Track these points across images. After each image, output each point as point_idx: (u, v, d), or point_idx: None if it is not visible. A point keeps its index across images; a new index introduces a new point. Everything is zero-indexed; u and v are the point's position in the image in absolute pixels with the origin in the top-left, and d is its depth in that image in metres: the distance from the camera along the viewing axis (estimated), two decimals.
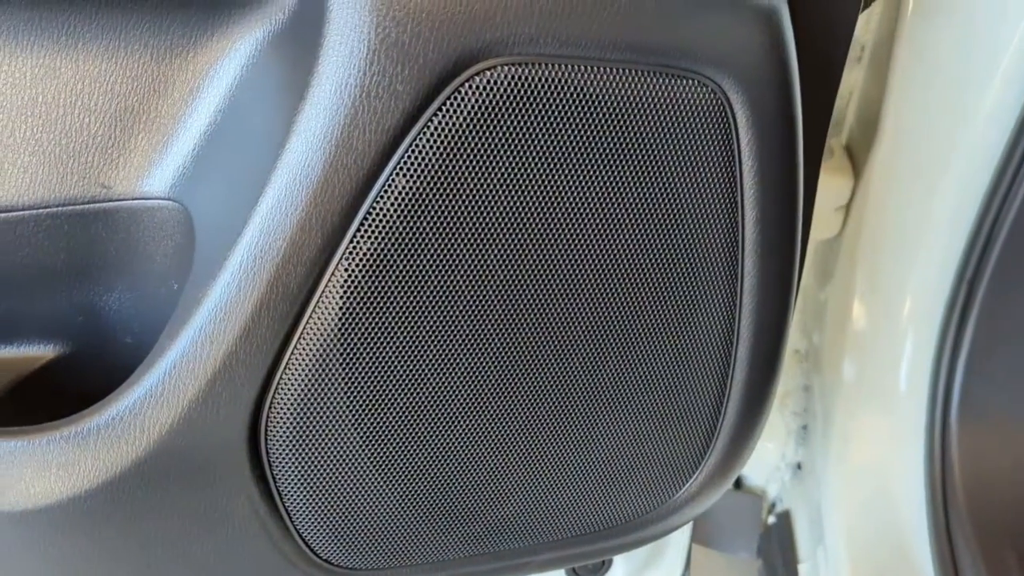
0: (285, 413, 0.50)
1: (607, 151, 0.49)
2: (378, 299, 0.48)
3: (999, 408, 0.75)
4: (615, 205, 0.50)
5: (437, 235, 0.48)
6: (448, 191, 0.47)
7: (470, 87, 0.45)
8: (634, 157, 0.49)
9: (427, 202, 0.47)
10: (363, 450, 0.53)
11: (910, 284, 0.78)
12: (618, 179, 0.50)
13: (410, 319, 0.49)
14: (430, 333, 0.50)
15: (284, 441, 0.51)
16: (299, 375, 0.49)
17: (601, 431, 0.58)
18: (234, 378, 0.48)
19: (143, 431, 0.47)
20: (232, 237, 0.47)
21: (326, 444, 0.52)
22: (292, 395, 0.50)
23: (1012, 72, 0.67)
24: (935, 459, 0.76)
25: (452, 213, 0.48)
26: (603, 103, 0.48)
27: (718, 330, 0.56)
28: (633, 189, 0.50)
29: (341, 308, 0.48)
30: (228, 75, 0.50)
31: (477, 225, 0.48)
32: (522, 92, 0.46)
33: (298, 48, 0.47)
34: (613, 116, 0.48)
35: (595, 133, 0.48)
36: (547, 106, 0.47)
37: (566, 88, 0.47)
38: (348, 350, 0.49)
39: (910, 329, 0.78)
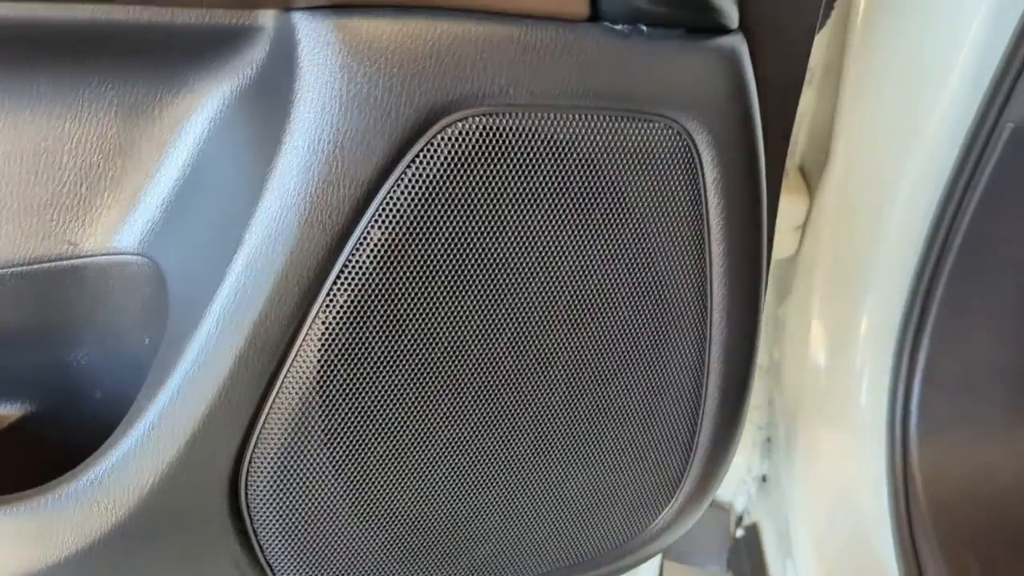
0: (265, 467, 0.50)
1: (578, 196, 0.49)
2: (357, 350, 0.48)
3: (956, 419, 0.77)
4: (588, 248, 0.51)
5: (414, 284, 0.48)
6: (424, 241, 0.47)
7: (443, 138, 0.46)
8: (605, 201, 0.50)
9: (403, 252, 0.47)
10: (344, 500, 0.53)
11: (866, 301, 0.80)
12: (590, 222, 0.50)
13: (389, 367, 0.50)
14: (410, 380, 0.50)
15: (264, 495, 0.51)
16: (278, 429, 0.49)
17: (579, 465, 0.58)
18: (214, 436, 0.47)
19: (122, 495, 0.46)
20: (206, 293, 0.47)
21: (306, 496, 0.52)
22: (272, 449, 0.50)
23: (959, 93, 0.70)
24: (897, 470, 0.78)
25: (428, 262, 0.48)
26: (573, 149, 0.48)
27: (689, 359, 0.57)
28: (605, 231, 0.51)
29: (319, 360, 0.48)
30: (196, 130, 0.49)
31: (454, 273, 0.49)
32: (494, 142, 0.47)
33: (268, 103, 0.47)
34: (583, 162, 0.49)
35: (566, 179, 0.49)
36: (519, 154, 0.47)
37: (537, 136, 0.47)
38: (327, 401, 0.49)
39: (867, 345, 0.81)
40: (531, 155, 0.48)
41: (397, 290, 0.48)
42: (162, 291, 0.52)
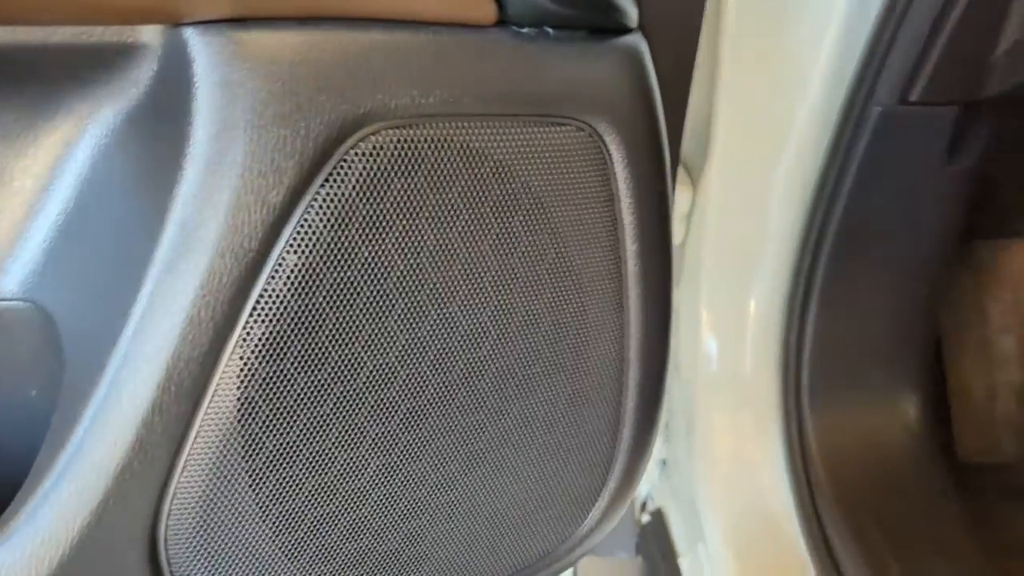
0: (185, 518, 0.46)
1: (496, 204, 0.48)
2: (278, 384, 0.45)
3: (844, 390, 0.81)
4: (508, 256, 0.50)
5: (334, 310, 0.46)
6: (342, 263, 0.45)
7: (356, 154, 0.44)
8: (522, 207, 0.49)
9: (321, 277, 0.45)
10: (272, 543, 0.49)
11: (753, 285, 0.83)
12: (509, 230, 0.49)
13: (313, 399, 0.47)
14: (335, 411, 0.48)
15: (186, 546, 0.47)
16: (198, 476, 0.46)
17: (509, 476, 0.57)
18: (127, 495, 0.43)
19: (30, 571, 0.41)
20: (108, 338, 0.43)
21: (232, 541, 0.48)
22: (192, 498, 0.46)
23: (828, 79, 0.73)
24: (793, 444, 0.82)
25: (348, 285, 0.46)
26: (488, 157, 0.47)
27: (610, 358, 0.57)
28: (524, 238, 0.50)
29: (239, 398, 0.45)
30: (77, 161, 0.45)
31: (375, 294, 0.47)
32: (408, 154, 0.45)
33: (160, 127, 0.43)
34: (499, 169, 0.48)
35: (483, 188, 0.48)
36: (434, 166, 0.46)
37: (451, 146, 0.46)
38: (249, 441, 0.46)
39: (756, 326, 0.84)
40: (446, 166, 0.46)
41: (317, 318, 0.45)
42: (51, 338, 0.47)
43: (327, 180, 0.43)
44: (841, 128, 0.74)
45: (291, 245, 0.44)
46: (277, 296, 0.44)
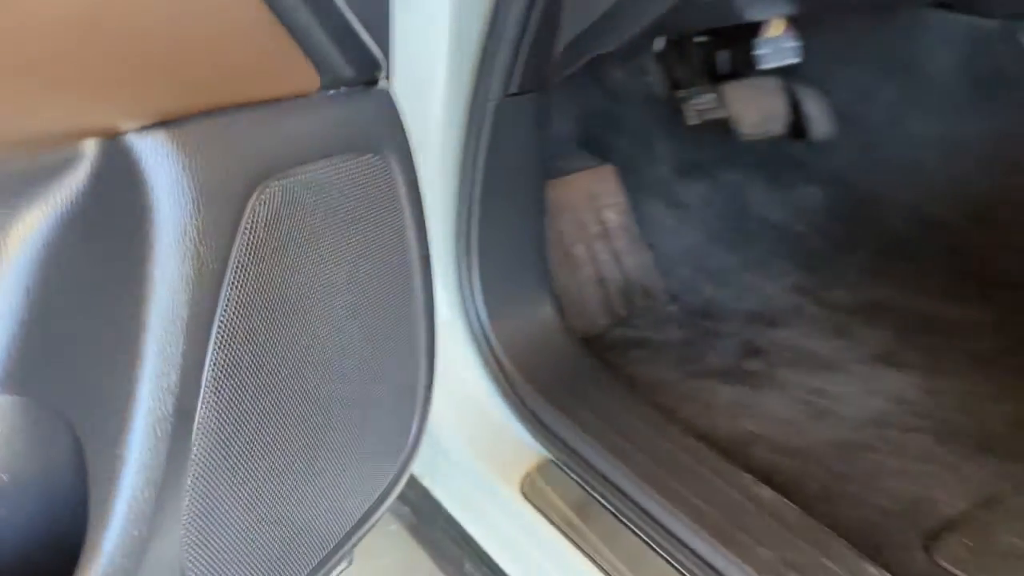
0: (194, 530, 0.59)
1: (343, 223, 0.67)
2: (238, 394, 0.59)
3: (507, 307, 1.12)
4: (352, 263, 0.68)
5: (262, 326, 0.61)
6: (262, 288, 0.60)
7: (259, 203, 0.59)
8: (361, 215, 0.68)
9: (252, 302, 0.60)
10: (240, 508, 0.63)
11: (434, 248, 1.09)
12: (351, 243, 0.68)
13: (258, 400, 0.61)
14: (271, 404, 0.63)
15: (199, 547, 0.59)
16: (198, 488, 0.58)
17: (349, 431, 0.75)
18: (163, 531, 0.55)
19: None
20: (110, 404, 0.53)
21: (219, 522, 0.61)
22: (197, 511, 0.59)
23: (456, 77, 0.99)
24: (485, 354, 1.10)
25: (268, 304, 0.61)
26: (334, 189, 0.65)
27: (407, 311, 0.78)
28: (359, 247, 0.69)
29: (217, 414, 0.58)
30: (21, 266, 0.52)
31: (283, 306, 0.62)
32: (287, 196, 0.62)
33: (110, 217, 0.54)
34: (341, 197, 0.66)
35: (334, 212, 0.66)
36: (302, 199, 0.63)
37: (312, 186, 0.64)
38: (227, 447, 0.60)
39: (438, 265, 1.09)
40: (310, 198, 0.63)
41: (254, 336, 0.60)
42: (27, 423, 0.54)
43: (245, 228, 0.58)
44: (470, 119, 1.02)
45: (232, 283, 0.58)
46: (229, 324, 0.58)
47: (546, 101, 1.09)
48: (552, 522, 1.02)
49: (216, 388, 0.58)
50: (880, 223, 1.65)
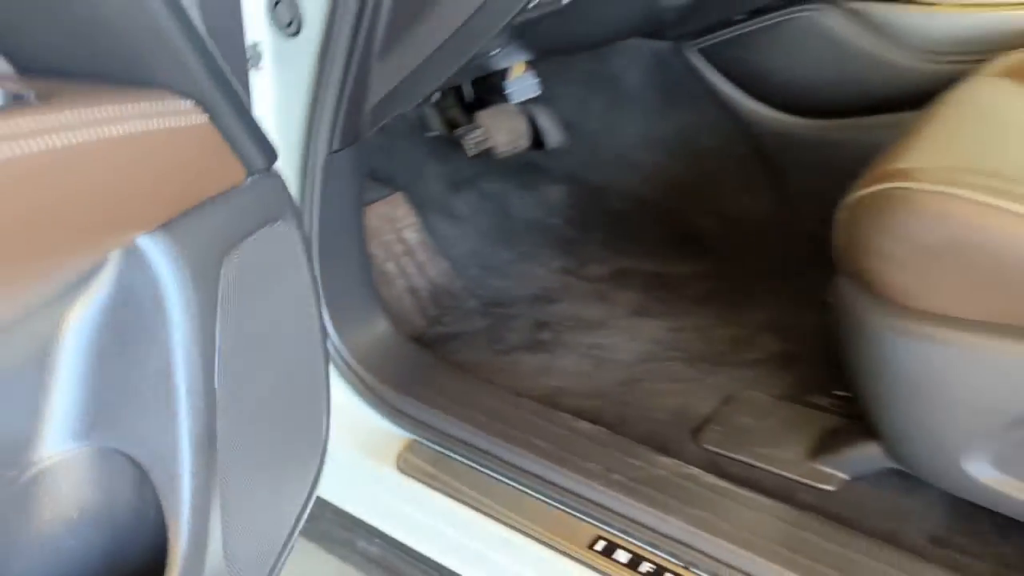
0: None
1: (271, 272, 0.88)
2: (227, 381, 0.80)
3: (353, 318, 1.35)
4: (278, 299, 0.90)
5: (231, 342, 0.81)
6: (232, 325, 0.81)
7: (227, 270, 0.80)
8: (280, 269, 0.90)
9: (225, 331, 0.80)
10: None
11: None
12: (277, 286, 0.90)
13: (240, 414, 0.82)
14: (247, 407, 0.84)
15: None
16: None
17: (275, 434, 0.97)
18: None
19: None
20: (161, 435, 0.72)
21: None
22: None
23: (291, 141, 1.21)
24: (342, 369, 1.33)
25: (235, 336, 0.82)
26: (260, 252, 0.87)
27: (317, 347, 1.00)
28: (282, 288, 0.91)
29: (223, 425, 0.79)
30: (83, 339, 0.70)
31: (248, 339, 0.83)
32: (242, 259, 0.82)
33: (136, 303, 0.72)
34: (268, 252, 0.88)
35: (265, 263, 0.87)
36: (248, 259, 0.84)
37: (250, 247, 0.85)
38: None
39: None
40: (253, 258, 0.85)
41: (235, 366, 0.81)
42: (93, 467, 0.71)
43: (222, 291, 0.79)
44: (304, 174, 1.24)
45: (220, 330, 0.78)
46: (223, 358, 0.79)
47: (364, 152, 1.34)
48: (428, 485, 1.28)
49: (223, 407, 0.78)
50: (609, 207, 2.06)
